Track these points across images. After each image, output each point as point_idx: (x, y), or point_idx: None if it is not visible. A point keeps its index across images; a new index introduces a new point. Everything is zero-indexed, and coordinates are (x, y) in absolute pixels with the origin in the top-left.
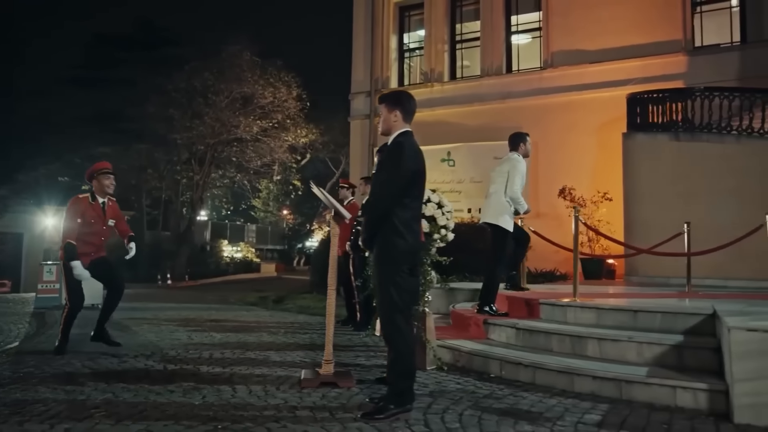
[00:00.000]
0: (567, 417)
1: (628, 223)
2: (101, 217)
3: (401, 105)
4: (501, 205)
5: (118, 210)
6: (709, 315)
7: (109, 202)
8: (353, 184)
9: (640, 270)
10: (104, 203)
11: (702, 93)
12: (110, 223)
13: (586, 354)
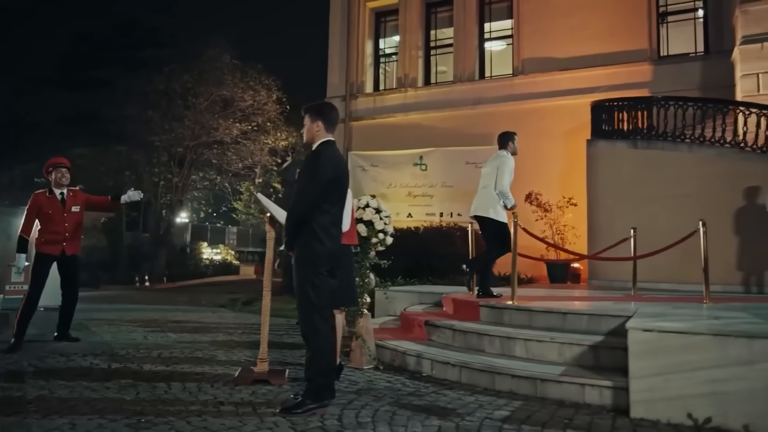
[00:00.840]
0: (477, 413)
1: (590, 227)
2: (59, 208)
3: (323, 116)
4: (491, 198)
5: (83, 195)
6: (629, 317)
7: (70, 192)
8: None
9: (601, 274)
10: (63, 194)
11: (658, 102)
12: (74, 209)
13: (514, 354)
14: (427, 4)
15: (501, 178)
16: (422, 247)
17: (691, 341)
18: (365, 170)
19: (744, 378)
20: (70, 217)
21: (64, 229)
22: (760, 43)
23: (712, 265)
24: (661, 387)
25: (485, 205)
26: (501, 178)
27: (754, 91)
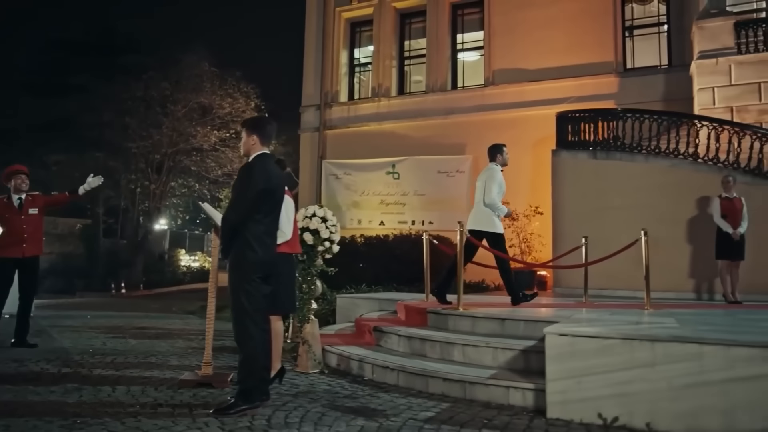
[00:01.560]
0: (404, 414)
1: (554, 236)
2: (16, 211)
3: (258, 130)
4: (483, 212)
5: (41, 198)
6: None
7: (29, 197)
8: None
9: (563, 282)
10: (21, 199)
11: (617, 114)
12: (32, 212)
13: (453, 358)
14: (402, 15)
15: (489, 191)
16: (391, 255)
17: (601, 345)
18: (339, 178)
19: (647, 379)
20: (28, 219)
21: (22, 230)
22: (715, 59)
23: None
24: (575, 389)
25: (479, 219)
26: (489, 191)
27: (710, 104)
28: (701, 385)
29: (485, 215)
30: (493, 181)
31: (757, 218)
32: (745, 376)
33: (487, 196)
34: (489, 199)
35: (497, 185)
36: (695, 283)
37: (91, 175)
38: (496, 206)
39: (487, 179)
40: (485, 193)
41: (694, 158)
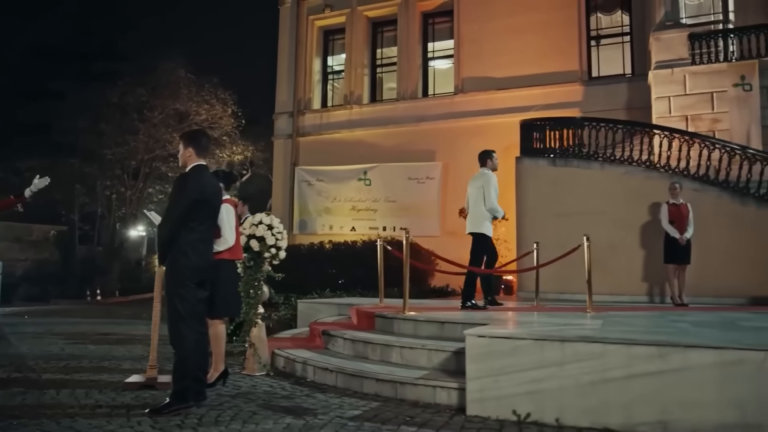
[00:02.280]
0: (332, 413)
1: (518, 241)
2: None
3: (193, 143)
4: (481, 215)
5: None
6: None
7: None
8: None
9: (526, 286)
10: None
11: (575, 122)
12: None
13: (391, 360)
14: (374, 24)
15: (488, 197)
16: (359, 260)
17: (515, 345)
18: (311, 185)
19: (556, 377)
20: None
21: None
22: (670, 69)
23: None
24: (492, 387)
25: (475, 221)
26: (488, 197)
27: (666, 113)
28: (605, 382)
29: (481, 218)
30: (490, 186)
31: (705, 224)
32: (642, 372)
33: (487, 202)
34: (490, 204)
35: (494, 190)
36: (648, 286)
37: (37, 177)
38: (496, 209)
39: (484, 185)
40: (485, 199)
41: (647, 166)
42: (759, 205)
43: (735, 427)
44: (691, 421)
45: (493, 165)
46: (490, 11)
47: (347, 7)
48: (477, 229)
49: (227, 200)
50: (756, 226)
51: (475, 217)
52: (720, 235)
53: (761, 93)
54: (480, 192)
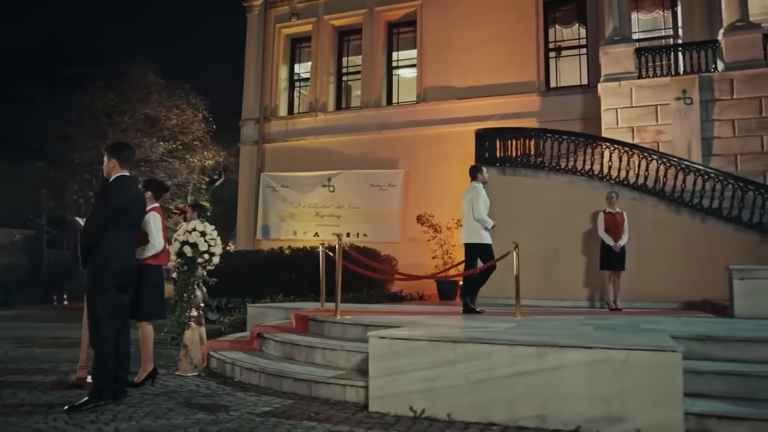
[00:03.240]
0: (244, 409)
1: None
2: None
3: (117, 154)
4: (473, 227)
5: None
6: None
7: None
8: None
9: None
10: None
11: (524, 132)
12: None
13: (315, 361)
14: (340, 33)
15: (477, 208)
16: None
17: (412, 346)
18: (276, 191)
19: (448, 376)
20: None
21: None
22: (617, 82)
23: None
24: (391, 385)
25: (470, 233)
26: (477, 208)
27: (614, 124)
28: (491, 380)
29: (475, 229)
30: (479, 199)
31: (643, 231)
32: (523, 371)
33: (476, 213)
34: (478, 215)
35: (482, 202)
36: (590, 291)
37: None
38: (485, 221)
39: (473, 198)
40: (474, 210)
41: (589, 175)
42: (692, 214)
43: (601, 419)
44: (564, 414)
45: (483, 179)
46: (452, 23)
47: (314, 16)
48: (472, 239)
49: (155, 208)
50: (689, 234)
51: (468, 228)
52: (657, 243)
53: (701, 106)
54: (470, 204)
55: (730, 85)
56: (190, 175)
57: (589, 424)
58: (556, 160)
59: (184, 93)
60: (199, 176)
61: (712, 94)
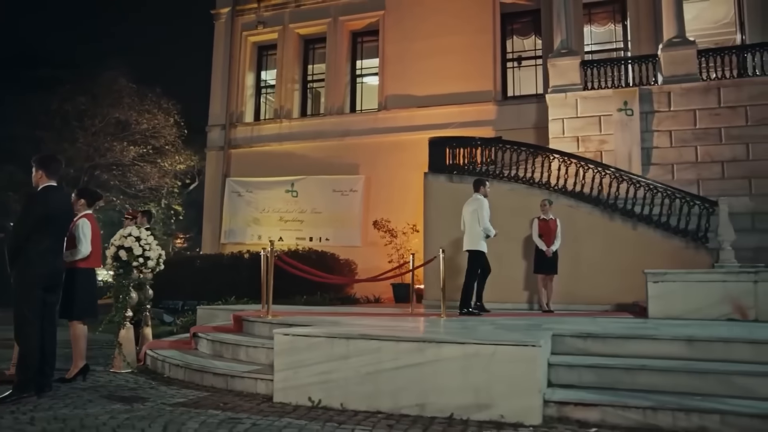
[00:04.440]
0: (160, 400)
1: (425, 252)
2: None
3: (43, 166)
4: (476, 235)
5: None
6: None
7: None
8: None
9: (429, 295)
10: None
11: (470, 141)
12: None
13: (239, 358)
14: (306, 41)
15: (482, 218)
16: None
17: (311, 342)
18: (241, 195)
19: (342, 369)
20: None
21: None
22: (564, 93)
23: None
24: (293, 378)
25: (471, 240)
26: (482, 218)
27: (560, 134)
28: (378, 373)
29: (476, 237)
30: (482, 210)
31: (579, 237)
32: (406, 364)
33: (482, 222)
34: (483, 224)
35: (486, 212)
36: (529, 294)
37: None
38: (489, 229)
39: (477, 208)
40: (480, 220)
41: (529, 183)
42: (624, 221)
43: (471, 407)
44: (441, 403)
45: (485, 192)
46: (413, 33)
47: (279, 25)
48: (473, 246)
49: (87, 215)
50: (621, 240)
51: (471, 236)
52: (591, 248)
53: (641, 118)
54: (474, 215)
55: (667, 98)
56: (162, 179)
57: (461, 412)
58: (500, 168)
59: (155, 97)
60: (172, 180)
61: (651, 105)
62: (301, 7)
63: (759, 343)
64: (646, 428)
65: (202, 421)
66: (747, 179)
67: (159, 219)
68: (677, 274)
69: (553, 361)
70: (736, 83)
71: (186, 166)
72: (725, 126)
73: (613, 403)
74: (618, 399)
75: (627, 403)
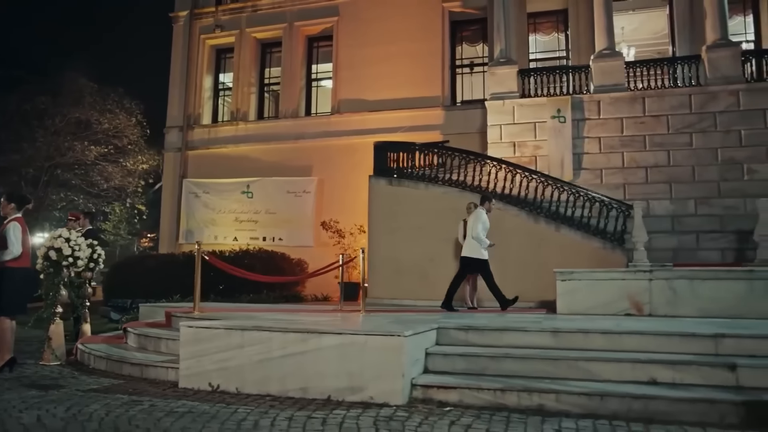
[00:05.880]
0: (75, 387)
1: (369, 252)
2: None
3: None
4: (473, 244)
5: None
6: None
7: None
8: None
9: (372, 293)
10: None
11: (410, 146)
12: None
13: (161, 350)
14: (263, 45)
15: (474, 228)
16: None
17: (212, 333)
18: (198, 197)
19: (238, 357)
20: None
21: None
22: (502, 100)
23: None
24: (196, 365)
25: (470, 249)
26: (474, 228)
27: (498, 139)
28: (269, 360)
29: (475, 246)
30: (478, 222)
31: (506, 238)
32: (292, 352)
33: (473, 232)
34: (474, 234)
35: (481, 224)
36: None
37: None
38: (480, 239)
39: (474, 220)
40: (471, 230)
41: (462, 187)
42: (547, 223)
43: (346, 389)
44: (321, 386)
45: (488, 207)
46: (365, 39)
47: (237, 29)
48: (471, 254)
49: (16, 218)
50: (545, 240)
51: (469, 245)
52: (518, 248)
53: (573, 125)
54: (470, 226)
55: (597, 106)
56: (125, 179)
57: (337, 394)
58: (435, 173)
59: (118, 97)
60: (136, 180)
61: (582, 113)
62: (258, 11)
63: (611, 334)
64: (495, 407)
65: (106, 403)
66: (668, 184)
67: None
68: (582, 273)
69: (432, 351)
70: (660, 93)
71: (149, 165)
72: (649, 134)
73: (470, 385)
74: (474, 382)
75: (481, 385)
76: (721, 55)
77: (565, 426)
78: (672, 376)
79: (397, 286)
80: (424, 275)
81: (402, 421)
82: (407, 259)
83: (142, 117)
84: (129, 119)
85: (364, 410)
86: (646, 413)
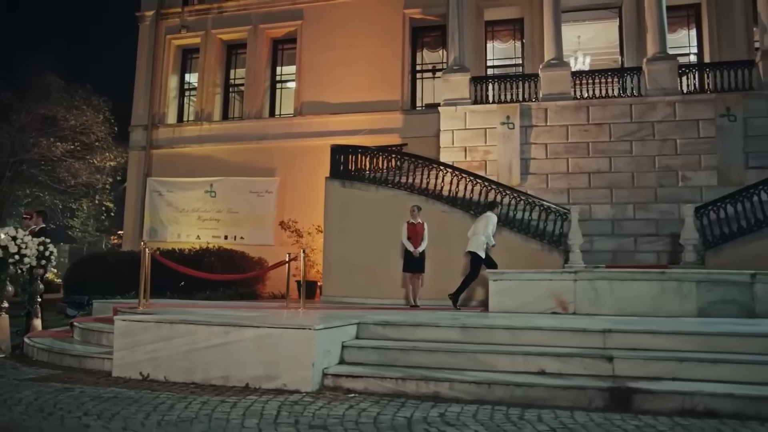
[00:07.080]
0: (13, 377)
1: (324, 251)
2: None
3: None
4: (479, 241)
5: None
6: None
7: None
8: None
9: (327, 291)
10: None
11: (363, 150)
12: None
13: (102, 343)
14: (229, 46)
15: (486, 229)
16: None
17: (144, 326)
18: (162, 195)
19: (167, 348)
20: None
21: None
22: (454, 106)
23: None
24: (129, 356)
25: (475, 245)
26: (486, 229)
27: (450, 144)
28: (194, 351)
29: (480, 243)
30: (489, 223)
31: (451, 240)
32: (216, 344)
33: (485, 232)
34: (487, 234)
35: (492, 226)
36: (405, 291)
37: None
38: (490, 238)
39: (486, 223)
40: (483, 231)
41: (410, 190)
42: None
43: (263, 377)
44: (241, 375)
45: (497, 212)
46: (328, 43)
47: (203, 30)
48: (475, 249)
49: None
50: None
51: (475, 242)
52: (462, 249)
53: (521, 131)
54: (481, 226)
55: (544, 114)
56: (93, 176)
57: (255, 382)
58: (385, 175)
59: (85, 94)
60: (104, 177)
61: (530, 120)
62: (224, 13)
63: (513, 329)
64: (396, 394)
65: (38, 391)
66: (609, 189)
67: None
68: (513, 273)
69: (349, 344)
70: (603, 102)
71: (117, 162)
72: (592, 141)
73: (374, 375)
74: (380, 372)
75: (384, 375)
76: (660, 67)
77: (451, 410)
78: (558, 367)
79: (349, 285)
80: (373, 274)
81: (305, 405)
82: (359, 259)
83: (110, 114)
84: (96, 116)
85: (275, 396)
86: (527, 399)
